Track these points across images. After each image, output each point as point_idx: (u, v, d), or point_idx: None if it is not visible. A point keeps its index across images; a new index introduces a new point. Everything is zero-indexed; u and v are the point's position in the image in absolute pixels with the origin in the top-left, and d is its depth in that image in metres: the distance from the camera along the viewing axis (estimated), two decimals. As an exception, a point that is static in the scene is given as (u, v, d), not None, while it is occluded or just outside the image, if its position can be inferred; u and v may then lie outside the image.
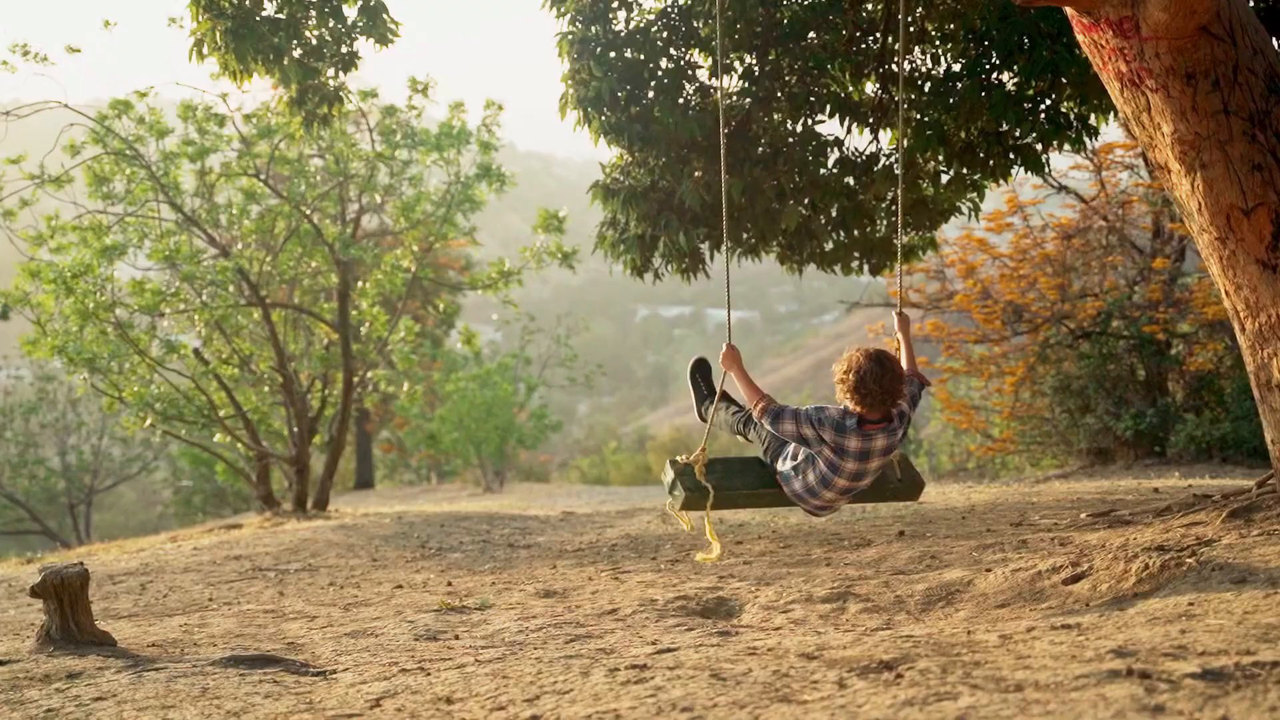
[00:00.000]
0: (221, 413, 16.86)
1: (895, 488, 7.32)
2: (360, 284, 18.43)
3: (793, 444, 7.03)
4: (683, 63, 11.40)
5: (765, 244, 12.37)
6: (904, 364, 7.13)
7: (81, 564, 6.31)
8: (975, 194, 12.19)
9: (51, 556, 14.38)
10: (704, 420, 7.52)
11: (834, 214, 12.04)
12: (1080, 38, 7.48)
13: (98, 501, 45.97)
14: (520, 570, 9.76)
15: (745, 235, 12.42)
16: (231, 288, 16.81)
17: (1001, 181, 12.01)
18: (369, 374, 18.93)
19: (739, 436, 7.45)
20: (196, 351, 16.97)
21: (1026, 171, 11.56)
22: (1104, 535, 7.77)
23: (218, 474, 26.43)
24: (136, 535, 22.18)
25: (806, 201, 11.96)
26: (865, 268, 12.78)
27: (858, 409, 6.61)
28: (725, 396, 7.52)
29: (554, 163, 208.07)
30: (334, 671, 5.37)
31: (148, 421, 16.23)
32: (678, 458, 7.16)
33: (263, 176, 16.84)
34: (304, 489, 16.73)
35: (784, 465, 7.09)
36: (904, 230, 12.74)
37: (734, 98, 11.58)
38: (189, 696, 4.82)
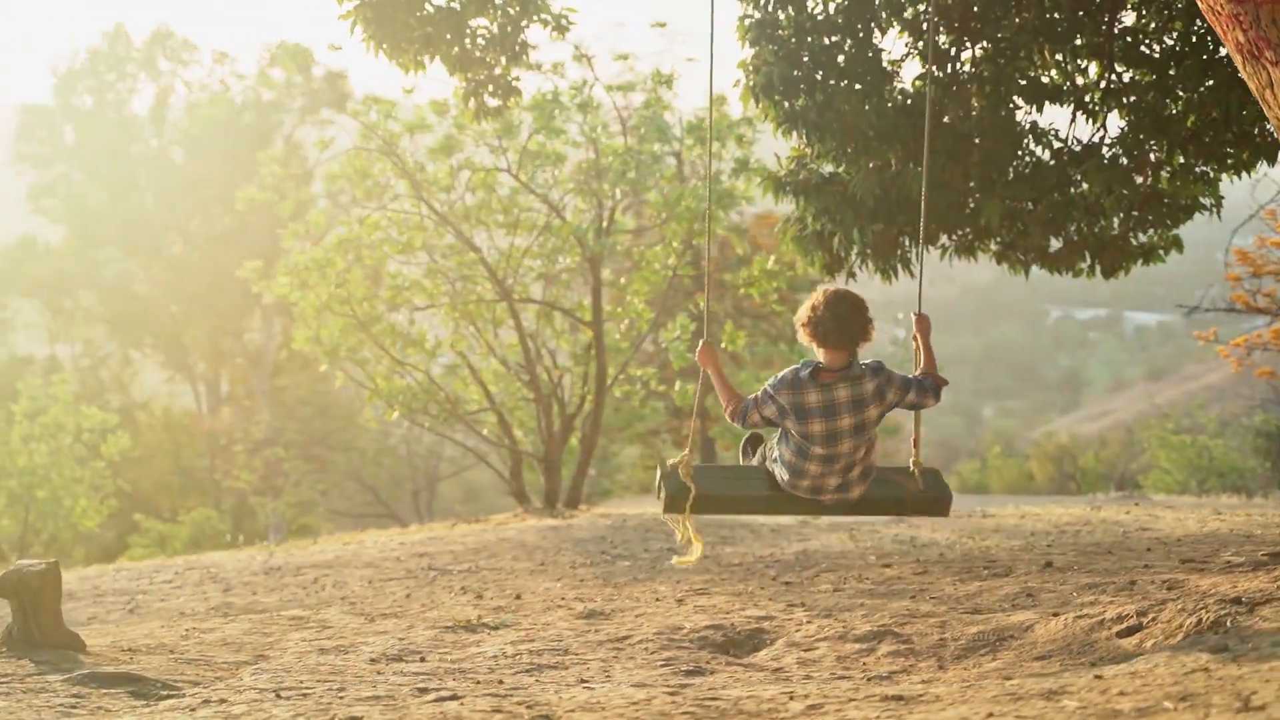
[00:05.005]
0: (473, 407, 16.97)
1: (916, 499, 6.59)
2: (622, 280, 18.18)
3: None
4: (867, 48, 10.59)
5: (982, 241, 11.39)
6: (922, 364, 6.60)
7: (52, 563, 6.21)
8: (1209, 188, 10.81)
9: (272, 544, 14.79)
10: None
11: (1049, 209, 10.91)
12: (1199, 3, 6.45)
13: (503, 485, 47.55)
14: (645, 585, 9.24)
15: (963, 231, 11.46)
16: (484, 284, 16.85)
17: (1244, 174, 10.62)
18: (637, 371, 18.59)
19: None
20: (452, 345, 17.10)
21: (1261, 161, 10.19)
22: (1218, 580, 6.66)
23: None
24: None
25: (1019, 196, 10.91)
26: (1098, 269, 11.56)
27: (820, 349, 6.31)
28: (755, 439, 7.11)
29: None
30: (178, 695, 5.05)
31: (395, 414, 16.51)
32: (668, 460, 6.84)
33: (513, 171, 16.77)
34: (553, 486, 16.63)
35: (769, 458, 6.68)
36: (1140, 228, 11.49)
37: (921, 84, 10.68)
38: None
